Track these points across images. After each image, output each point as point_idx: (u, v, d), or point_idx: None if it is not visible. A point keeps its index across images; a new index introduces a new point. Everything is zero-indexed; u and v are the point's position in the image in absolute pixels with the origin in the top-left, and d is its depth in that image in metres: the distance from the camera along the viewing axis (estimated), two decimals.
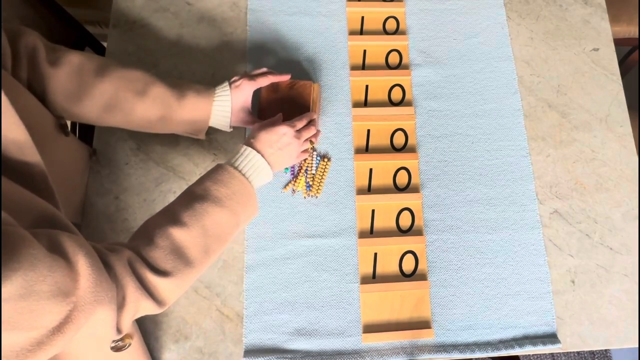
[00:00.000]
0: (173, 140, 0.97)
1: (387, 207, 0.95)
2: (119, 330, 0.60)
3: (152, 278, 0.62)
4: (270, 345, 0.86)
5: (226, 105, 0.86)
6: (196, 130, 0.87)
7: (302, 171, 0.95)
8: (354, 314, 0.89)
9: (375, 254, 0.92)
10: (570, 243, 0.96)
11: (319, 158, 0.97)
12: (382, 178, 0.97)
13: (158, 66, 1.02)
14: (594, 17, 1.12)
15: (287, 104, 0.92)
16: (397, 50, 1.07)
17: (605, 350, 1.64)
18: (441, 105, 1.03)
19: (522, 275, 0.93)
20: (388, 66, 1.05)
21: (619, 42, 1.42)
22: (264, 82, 0.89)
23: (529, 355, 1.56)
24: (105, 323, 0.56)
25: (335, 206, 0.95)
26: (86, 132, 1.20)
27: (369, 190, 0.96)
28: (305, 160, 0.96)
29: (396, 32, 1.08)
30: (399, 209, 0.95)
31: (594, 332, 0.91)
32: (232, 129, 0.90)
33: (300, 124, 0.84)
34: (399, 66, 1.06)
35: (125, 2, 1.06)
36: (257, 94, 0.93)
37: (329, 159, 0.97)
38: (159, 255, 0.64)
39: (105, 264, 0.57)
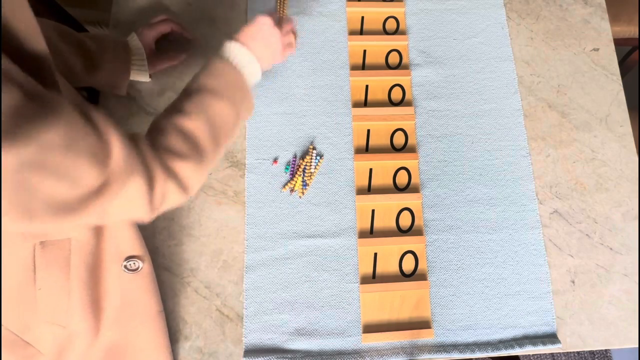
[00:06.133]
0: None
1: (387, 207, 0.95)
2: (152, 206, 0.60)
3: (172, 161, 0.62)
4: (270, 345, 0.86)
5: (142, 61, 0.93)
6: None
7: (300, 170, 0.95)
8: (354, 314, 0.89)
9: (375, 254, 0.92)
10: (570, 243, 0.96)
11: (318, 158, 0.97)
12: (382, 178, 0.97)
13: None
14: (594, 17, 1.12)
15: None
16: (397, 50, 1.07)
17: (605, 350, 1.64)
18: (441, 105, 1.03)
19: (522, 275, 0.93)
20: (388, 66, 1.05)
21: (619, 42, 1.43)
22: (165, 29, 0.95)
23: (529, 355, 1.56)
24: (138, 197, 0.58)
25: (335, 206, 0.95)
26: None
27: (369, 190, 0.96)
28: (303, 159, 0.96)
29: (396, 32, 1.08)
30: (399, 209, 0.95)
31: (594, 332, 0.91)
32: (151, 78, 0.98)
33: (276, 15, 0.80)
34: (399, 66, 1.06)
35: (125, 2, 1.06)
36: None
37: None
38: (173, 141, 0.64)
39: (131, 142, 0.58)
